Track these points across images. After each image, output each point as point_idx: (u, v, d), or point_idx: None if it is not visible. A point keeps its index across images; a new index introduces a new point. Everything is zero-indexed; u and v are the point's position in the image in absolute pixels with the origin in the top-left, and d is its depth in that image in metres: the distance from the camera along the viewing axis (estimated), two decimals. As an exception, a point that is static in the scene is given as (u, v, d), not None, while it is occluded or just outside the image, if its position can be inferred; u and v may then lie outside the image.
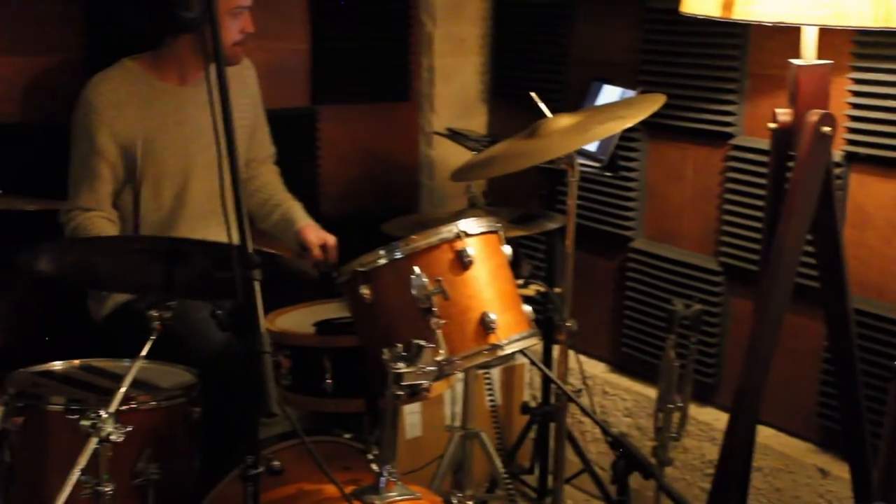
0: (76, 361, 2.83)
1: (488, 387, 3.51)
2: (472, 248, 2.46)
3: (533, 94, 2.86)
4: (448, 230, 2.46)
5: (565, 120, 2.85)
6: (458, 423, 3.32)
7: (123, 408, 2.42)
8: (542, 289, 3.30)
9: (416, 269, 2.41)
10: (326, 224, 3.62)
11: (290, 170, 3.63)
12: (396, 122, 4.11)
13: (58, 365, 2.81)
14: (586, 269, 3.66)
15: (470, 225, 2.48)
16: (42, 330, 3.48)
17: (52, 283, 3.09)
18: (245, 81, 3.38)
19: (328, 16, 3.86)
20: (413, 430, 3.65)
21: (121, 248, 2.59)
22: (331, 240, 3.28)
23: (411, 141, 4.16)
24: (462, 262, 2.45)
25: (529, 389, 4.05)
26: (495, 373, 3.76)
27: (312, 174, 3.92)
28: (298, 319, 3.04)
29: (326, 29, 3.86)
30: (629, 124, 2.75)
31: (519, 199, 3.73)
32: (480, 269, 2.47)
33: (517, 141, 2.87)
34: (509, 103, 4.14)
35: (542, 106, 2.86)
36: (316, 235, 3.29)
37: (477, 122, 4.18)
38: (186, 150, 3.23)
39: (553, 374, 3.25)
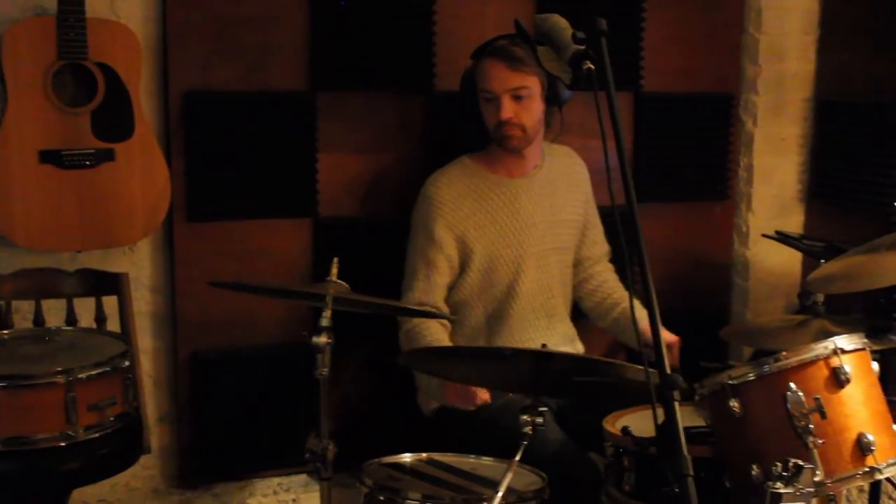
0: (423, 455, 2.89)
1: None
2: (847, 365, 2.40)
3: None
4: (824, 346, 2.41)
5: (935, 231, 2.74)
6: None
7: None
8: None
9: (792, 386, 2.36)
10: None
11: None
12: (711, 220, 4.06)
13: (406, 457, 2.87)
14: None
15: (844, 342, 2.43)
16: (371, 420, 3.58)
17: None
18: (577, 179, 3.43)
19: (651, 115, 3.88)
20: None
21: (488, 355, 2.65)
22: (674, 340, 3.22)
23: (725, 240, 4.10)
24: (838, 380, 2.40)
25: (846, 503, 3.88)
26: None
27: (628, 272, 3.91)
28: (640, 423, 3.01)
29: (649, 128, 3.88)
30: None
31: (845, 303, 3.60)
32: (856, 388, 2.42)
33: (884, 254, 2.78)
34: (829, 204, 4.04)
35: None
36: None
37: (793, 223, 4.09)
38: (519, 241, 3.28)
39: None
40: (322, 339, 2.44)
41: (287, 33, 3.39)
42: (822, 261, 3.14)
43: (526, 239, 3.30)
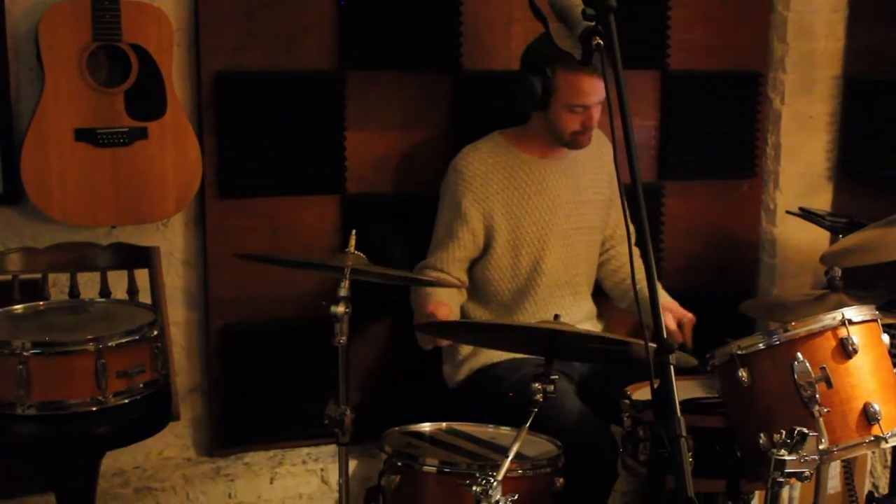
0: (443, 424, 2.96)
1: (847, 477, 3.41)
2: (855, 336, 2.44)
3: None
4: (832, 317, 2.45)
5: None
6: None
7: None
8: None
9: (799, 356, 2.40)
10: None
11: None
12: (739, 198, 4.07)
13: (426, 426, 2.94)
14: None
15: (853, 313, 2.46)
16: (398, 390, 3.66)
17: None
18: (602, 159, 3.46)
19: (678, 93, 3.90)
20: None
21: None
22: (688, 319, 3.27)
23: (753, 218, 4.11)
24: (846, 351, 2.43)
25: (871, 478, 3.89)
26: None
27: (656, 249, 3.95)
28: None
29: (677, 106, 3.90)
30: None
31: (871, 279, 3.61)
32: (863, 359, 2.45)
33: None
34: (857, 182, 4.04)
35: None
36: (674, 314, 3.30)
37: (821, 200, 4.09)
38: (545, 219, 3.34)
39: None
40: (340, 309, 2.52)
41: (316, 14, 3.46)
42: (841, 236, 3.16)
43: (552, 218, 3.35)
